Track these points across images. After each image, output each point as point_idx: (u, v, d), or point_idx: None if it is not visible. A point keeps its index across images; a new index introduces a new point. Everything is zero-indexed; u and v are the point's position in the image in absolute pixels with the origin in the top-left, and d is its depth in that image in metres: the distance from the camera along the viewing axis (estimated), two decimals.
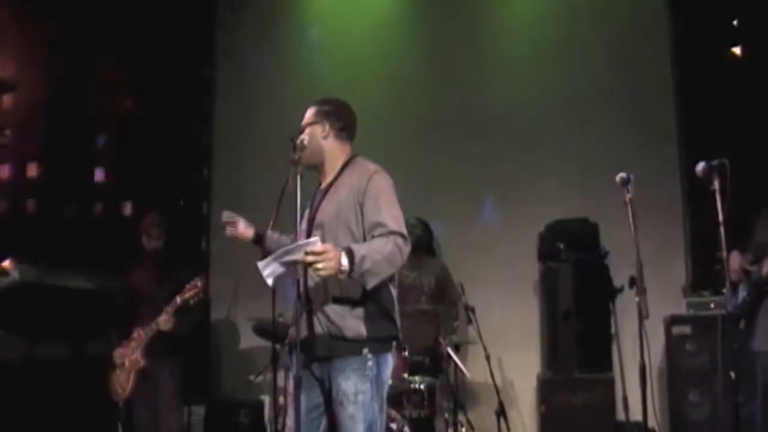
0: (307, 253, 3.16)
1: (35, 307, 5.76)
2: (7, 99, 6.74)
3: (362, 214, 3.46)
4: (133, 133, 7.16)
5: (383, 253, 3.30)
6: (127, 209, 7.19)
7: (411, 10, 7.47)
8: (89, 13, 6.76)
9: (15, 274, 4.33)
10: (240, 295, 6.65)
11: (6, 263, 4.31)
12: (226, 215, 3.96)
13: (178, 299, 5.36)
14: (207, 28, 7.69)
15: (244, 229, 3.92)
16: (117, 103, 7.23)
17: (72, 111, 6.86)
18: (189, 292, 5.35)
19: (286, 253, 3.25)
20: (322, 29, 7.50)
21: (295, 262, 3.26)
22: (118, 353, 5.57)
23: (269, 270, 3.30)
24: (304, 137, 3.59)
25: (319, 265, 3.16)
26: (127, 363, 5.53)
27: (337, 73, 7.11)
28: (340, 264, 3.19)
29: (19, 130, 6.79)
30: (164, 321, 5.40)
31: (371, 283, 3.31)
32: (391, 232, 3.37)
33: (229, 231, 3.94)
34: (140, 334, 5.50)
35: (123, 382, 5.52)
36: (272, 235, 3.87)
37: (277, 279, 3.33)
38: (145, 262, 5.81)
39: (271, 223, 3.67)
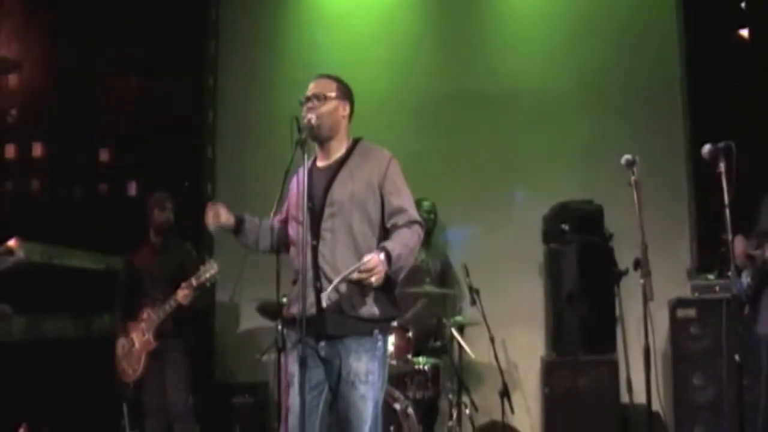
0: (361, 272, 3.23)
1: (41, 286, 5.78)
2: (13, 78, 6.74)
3: (382, 196, 3.52)
4: (137, 113, 7.15)
5: (410, 246, 3.43)
6: (132, 189, 7.20)
7: None
8: None
9: (20, 253, 4.31)
10: (244, 276, 6.64)
11: (11, 242, 4.29)
12: (210, 208, 3.67)
13: (194, 281, 5.21)
14: (210, 7, 7.63)
15: (226, 217, 3.66)
16: (122, 83, 7.22)
17: (77, 90, 6.86)
18: (205, 275, 5.20)
19: (343, 277, 3.29)
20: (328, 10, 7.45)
21: (349, 280, 3.32)
22: (127, 333, 5.54)
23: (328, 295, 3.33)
24: (319, 113, 3.54)
25: (373, 279, 3.25)
26: (137, 344, 5.47)
27: (342, 53, 7.07)
28: (385, 269, 3.29)
29: (24, 110, 6.81)
30: (183, 296, 5.24)
31: (401, 276, 3.47)
32: (412, 221, 3.49)
33: (213, 225, 3.64)
34: (150, 315, 5.43)
35: (134, 363, 5.48)
36: (251, 219, 3.74)
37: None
38: (151, 241, 5.77)
39: (275, 204, 3.63)
